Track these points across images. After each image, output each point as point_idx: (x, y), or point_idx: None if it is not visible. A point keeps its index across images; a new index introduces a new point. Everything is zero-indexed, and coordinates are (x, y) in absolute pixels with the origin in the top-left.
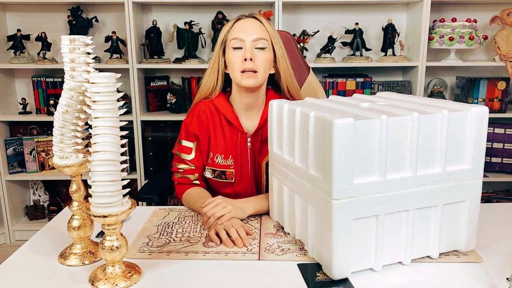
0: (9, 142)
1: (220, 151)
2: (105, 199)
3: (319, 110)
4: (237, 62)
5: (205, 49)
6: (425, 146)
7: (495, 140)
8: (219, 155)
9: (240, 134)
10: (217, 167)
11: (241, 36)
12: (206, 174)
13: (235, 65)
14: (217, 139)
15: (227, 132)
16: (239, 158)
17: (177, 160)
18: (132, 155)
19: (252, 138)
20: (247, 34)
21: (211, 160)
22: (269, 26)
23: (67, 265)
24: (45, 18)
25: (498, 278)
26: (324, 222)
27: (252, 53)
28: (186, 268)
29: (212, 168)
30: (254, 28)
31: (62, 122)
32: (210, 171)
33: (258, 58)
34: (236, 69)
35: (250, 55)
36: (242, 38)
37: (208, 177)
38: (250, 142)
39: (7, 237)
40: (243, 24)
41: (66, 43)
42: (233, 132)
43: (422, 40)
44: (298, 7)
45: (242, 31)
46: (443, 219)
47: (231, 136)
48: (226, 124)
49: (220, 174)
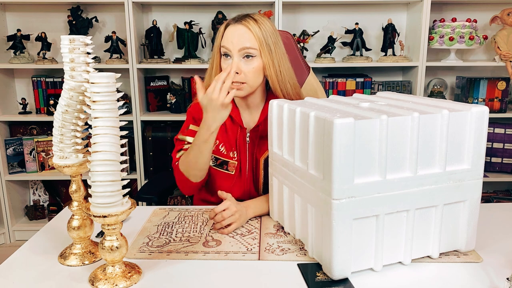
0: (9, 142)
1: (223, 141)
2: (105, 199)
3: (319, 110)
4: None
5: (205, 49)
6: (425, 146)
7: (495, 140)
8: (223, 144)
9: (240, 129)
10: (221, 155)
11: (228, 46)
12: None
13: None
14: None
15: (228, 126)
16: (239, 152)
17: (180, 145)
18: (132, 155)
19: (251, 133)
20: (234, 44)
21: (215, 147)
22: (259, 31)
23: (67, 265)
24: (45, 18)
25: (498, 278)
26: (324, 222)
27: (239, 64)
28: (186, 268)
29: (215, 155)
30: (241, 37)
31: (62, 122)
32: (213, 159)
33: (246, 68)
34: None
35: (235, 69)
36: (229, 48)
37: (210, 165)
38: (249, 137)
39: (7, 237)
40: (231, 32)
41: (65, 43)
42: (234, 126)
43: (422, 40)
44: (298, 7)
45: (229, 40)
46: (443, 219)
47: (232, 130)
48: (228, 119)
49: (222, 164)
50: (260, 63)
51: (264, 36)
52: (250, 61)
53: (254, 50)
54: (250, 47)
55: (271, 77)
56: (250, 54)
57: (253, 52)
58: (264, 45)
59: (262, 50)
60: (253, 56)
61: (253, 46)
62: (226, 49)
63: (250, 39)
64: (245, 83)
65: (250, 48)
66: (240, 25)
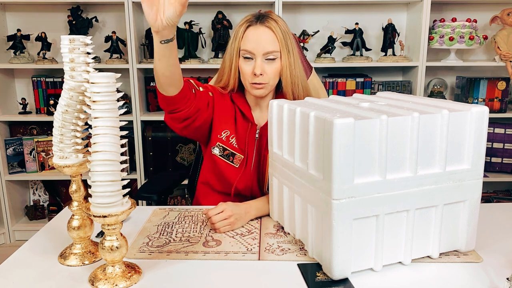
0: (9, 142)
1: (234, 134)
2: (105, 199)
3: (319, 110)
4: (248, 73)
5: (205, 49)
6: (425, 146)
7: (495, 140)
8: (234, 136)
9: (250, 124)
10: (230, 147)
11: (251, 49)
12: (214, 151)
13: (246, 75)
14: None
15: (239, 121)
16: (247, 147)
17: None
18: (132, 155)
19: (261, 130)
20: (258, 47)
21: (226, 138)
22: (280, 33)
23: (67, 265)
24: (45, 18)
25: (498, 278)
26: (324, 222)
27: (262, 66)
28: (186, 268)
29: (224, 146)
30: (266, 40)
31: (62, 122)
32: (221, 148)
33: (268, 70)
34: (246, 79)
35: (260, 71)
36: (252, 52)
37: (215, 154)
38: (258, 133)
39: (7, 237)
40: (254, 35)
41: (65, 43)
42: (245, 122)
43: (422, 40)
44: (298, 7)
45: (252, 43)
46: (443, 219)
47: (243, 125)
48: (239, 114)
49: (229, 156)
50: (279, 65)
51: (285, 38)
52: (272, 63)
53: (276, 52)
54: (274, 50)
55: (286, 79)
56: (273, 57)
57: (276, 55)
58: (284, 48)
59: (283, 53)
60: (275, 58)
61: (276, 49)
62: (249, 52)
63: (273, 42)
64: (267, 83)
65: (274, 52)
66: (263, 27)
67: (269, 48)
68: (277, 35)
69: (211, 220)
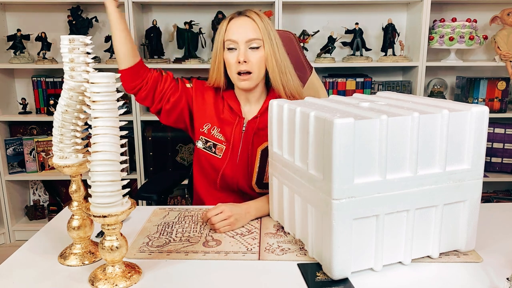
0: (9, 142)
1: (216, 126)
2: (105, 199)
3: (319, 110)
4: (233, 63)
5: (205, 49)
6: (425, 146)
7: (495, 140)
8: (216, 127)
9: (238, 118)
10: (211, 138)
11: (234, 38)
12: (198, 144)
13: (231, 66)
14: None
15: (226, 114)
16: (232, 139)
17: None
18: (132, 155)
19: (248, 124)
20: (240, 35)
21: (207, 130)
22: (261, 23)
23: (67, 265)
24: (45, 18)
25: (498, 278)
26: (324, 222)
27: (246, 54)
28: (186, 268)
29: (206, 138)
30: (247, 29)
31: (62, 122)
32: (203, 141)
33: (252, 58)
34: (232, 70)
35: (243, 58)
36: (235, 40)
37: (199, 148)
38: (245, 126)
39: (7, 237)
40: (236, 25)
41: (65, 43)
42: (232, 115)
43: (422, 40)
44: (298, 7)
45: (235, 32)
46: (443, 219)
47: (229, 117)
48: (227, 107)
49: (211, 147)
50: (263, 53)
51: (267, 28)
52: (256, 51)
53: (259, 40)
54: (256, 38)
55: (273, 68)
56: (256, 45)
57: (259, 43)
58: (267, 36)
59: (265, 41)
60: (258, 47)
61: (258, 37)
62: (232, 41)
63: (255, 30)
64: (252, 73)
65: (256, 39)
66: (244, 17)
67: (251, 36)
68: (258, 24)
69: (211, 221)
